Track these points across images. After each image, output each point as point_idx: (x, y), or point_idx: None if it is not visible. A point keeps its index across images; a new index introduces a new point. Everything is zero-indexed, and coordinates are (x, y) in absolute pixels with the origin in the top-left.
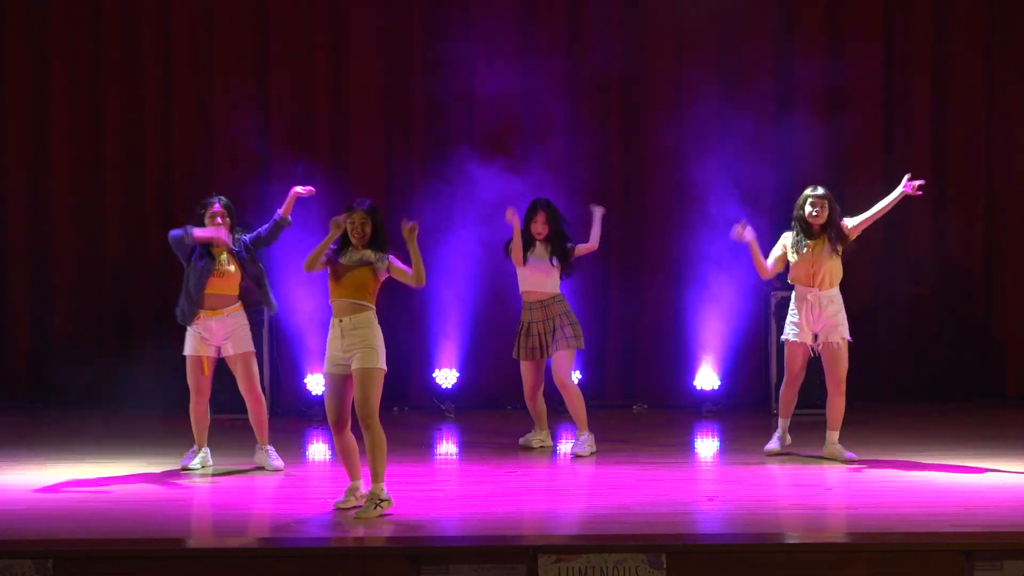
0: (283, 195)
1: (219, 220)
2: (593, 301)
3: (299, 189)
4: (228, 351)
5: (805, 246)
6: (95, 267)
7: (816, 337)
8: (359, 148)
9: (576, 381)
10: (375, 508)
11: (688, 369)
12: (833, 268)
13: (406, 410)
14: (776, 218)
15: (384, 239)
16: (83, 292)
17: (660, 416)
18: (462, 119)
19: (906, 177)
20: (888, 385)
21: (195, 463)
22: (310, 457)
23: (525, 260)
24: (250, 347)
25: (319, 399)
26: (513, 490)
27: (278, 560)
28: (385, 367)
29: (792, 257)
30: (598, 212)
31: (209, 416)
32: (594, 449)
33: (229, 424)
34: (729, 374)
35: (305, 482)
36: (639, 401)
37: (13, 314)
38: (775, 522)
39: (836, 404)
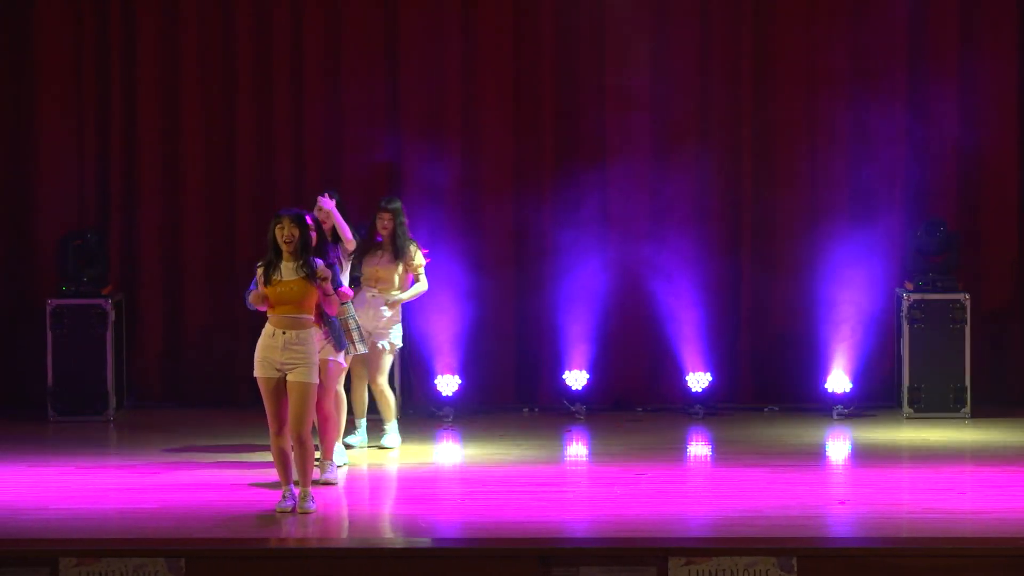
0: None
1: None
2: (724, 300)
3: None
4: None
5: (376, 251)
6: (225, 265)
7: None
8: (489, 137)
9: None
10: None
11: (819, 371)
12: (392, 276)
13: (535, 411)
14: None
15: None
16: (213, 289)
17: (791, 418)
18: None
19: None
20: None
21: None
22: (440, 458)
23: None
24: None
25: (449, 399)
26: (643, 492)
27: (409, 560)
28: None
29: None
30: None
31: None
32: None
33: None
34: (861, 376)
35: (435, 483)
36: (770, 403)
37: (146, 314)
38: (907, 526)
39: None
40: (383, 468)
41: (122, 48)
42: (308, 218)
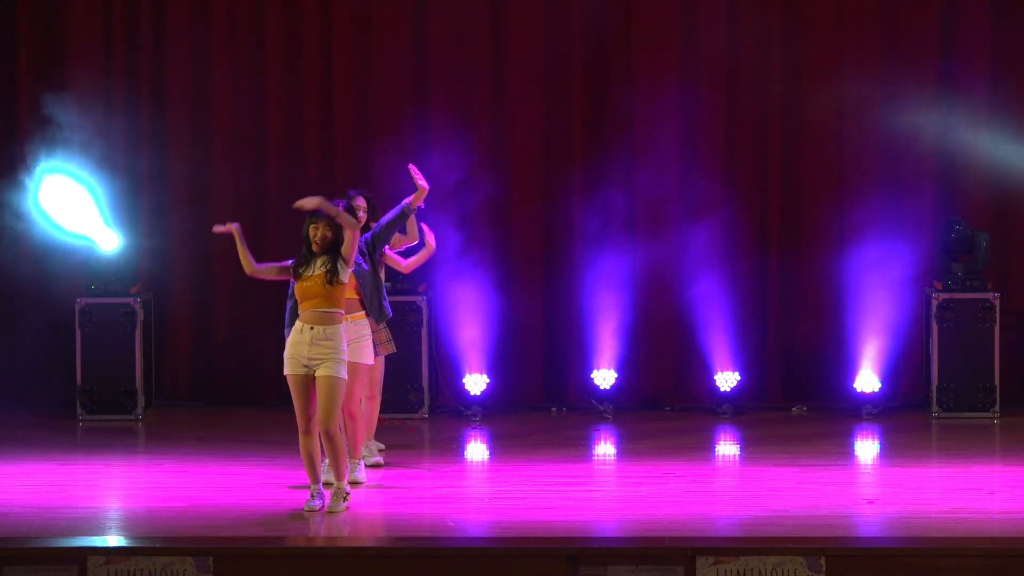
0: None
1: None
2: (752, 299)
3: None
4: None
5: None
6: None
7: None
8: (519, 120)
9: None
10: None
11: (848, 370)
12: None
13: (563, 411)
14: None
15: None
16: (242, 288)
17: (819, 418)
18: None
19: None
20: None
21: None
22: (468, 457)
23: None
24: None
25: (477, 399)
26: (671, 492)
27: (435, 559)
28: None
29: None
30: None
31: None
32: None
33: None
34: (889, 376)
35: (463, 482)
36: (798, 403)
37: (174, 313)
38: (936, 526)
39: None
40: (411, 468)
41: (151, 50)
42: (342, 207)
